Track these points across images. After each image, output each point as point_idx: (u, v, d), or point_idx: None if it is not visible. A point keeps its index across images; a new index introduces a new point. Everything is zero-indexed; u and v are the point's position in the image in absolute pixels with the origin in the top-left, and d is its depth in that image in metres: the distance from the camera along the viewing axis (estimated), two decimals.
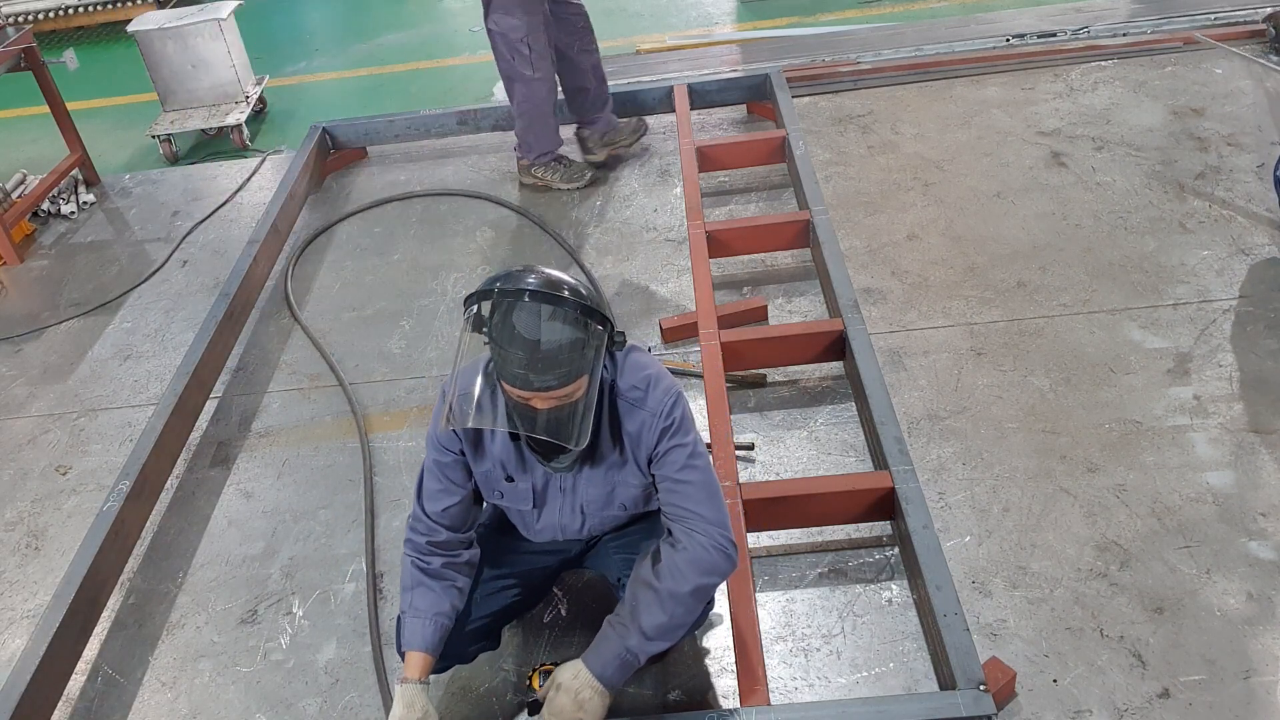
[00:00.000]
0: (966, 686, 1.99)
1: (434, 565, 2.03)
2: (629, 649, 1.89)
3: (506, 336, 1.72)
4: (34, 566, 2.89)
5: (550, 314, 1.72)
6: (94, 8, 7.12)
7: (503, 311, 1.73)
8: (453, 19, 6.83)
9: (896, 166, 4.07)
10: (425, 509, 2.05)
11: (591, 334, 1.76)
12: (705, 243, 3.40)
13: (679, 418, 1.95)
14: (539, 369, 1.71)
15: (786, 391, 3.05)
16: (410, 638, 2.00)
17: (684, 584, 1.90)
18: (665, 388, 1.95)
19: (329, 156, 4.72)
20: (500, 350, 1.73)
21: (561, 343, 1.72)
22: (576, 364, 1.74)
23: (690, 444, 1.95)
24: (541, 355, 1.71)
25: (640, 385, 1.94)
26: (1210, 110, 4.12)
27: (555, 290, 1.74)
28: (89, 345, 3.80)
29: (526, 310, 1.72)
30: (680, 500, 1.94)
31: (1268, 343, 2.95)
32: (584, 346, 1.75)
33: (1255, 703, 2.07)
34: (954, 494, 2.62)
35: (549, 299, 1.72)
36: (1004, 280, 3.35)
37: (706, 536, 1.92)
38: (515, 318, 1.72)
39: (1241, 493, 2.52)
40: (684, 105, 4.39)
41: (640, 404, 1.94)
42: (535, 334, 1.71)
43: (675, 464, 1.94)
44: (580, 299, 1.76)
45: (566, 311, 1.73)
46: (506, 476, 2.03)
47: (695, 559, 1.91)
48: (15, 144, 5.72)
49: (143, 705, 2.43)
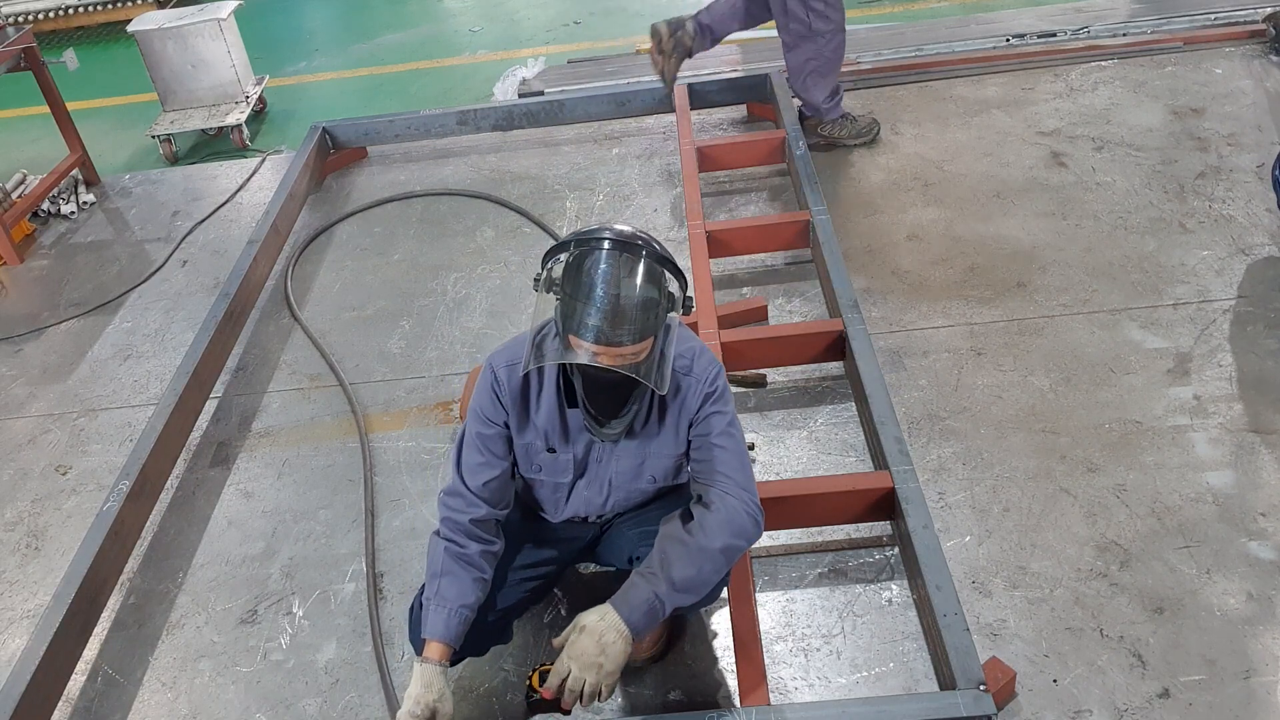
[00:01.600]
0: (966, 686, 1.99)
1: (469, 551, 2.00)
2: (658, 596, 1.87)
3: (586, 288, 1.74)
4: (34, 566, 2.89)
5: (633, 267, 1.75)
6: (94, 8, 7.12)
7: (584, 263, 1.75)
8: (453, 19, 6.83)
9: (896, 166, 4.07)
10: (467, 483, 2.03)
11: (665, 293, 1.79)
12: (705, 243, 3.40)
13: (722, 386, 2.00)
14: (616, 321, 1.73)
15: (786, 391, 3.05)
16: (434, 626, 1.97)
17: (716, 540, 1.91)
18: (709, 359, 2.02)
19: (329, 156, 4.72)
20: (577, 303, 1.74)
21: (641, 298, 1.75)
22: (650, 322, 1.77)
23: (730, 413, 2.01)
24: (621, 308, 1.73)
25: (686, 355, 1.99)
26: (1210, 110, 4.12)
27: (637, 244, 1.78)
28: (89, 345, 3.80)
29: (610, 261, 1.74)
30: (715, 464, 1.98)
31: (1268, 342, 2.95)
32: (658, 305, 1.78)
33: (1255, 703, 2.07)
34: (954, 494, 2.62)
35: (633, 250, 1.76)
36: (1004, 280, 3.35)
37: (739, 500, 1.94)
38: (599, 269, 1.74)
39: (1241, 493, 2.52)
40: (684, 105, 4.39)
41: (687, 371, 1.98)
42: (616, 287, 1.73)
43: (715, 429, 1.98)
44: (662, 255, 1.79)
45: (649, 266, 1.76)
46: (548, 448, 2.05)
47: (729, 519, 1.93)
48: (15, 144, 5.72)
49: (143, 705, 2.44)
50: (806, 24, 3.90)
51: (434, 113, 4.70)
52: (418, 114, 4.72)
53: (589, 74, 5.25)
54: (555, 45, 6.04)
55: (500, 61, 5.85)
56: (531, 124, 4.71)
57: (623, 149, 4.54)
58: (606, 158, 4.49)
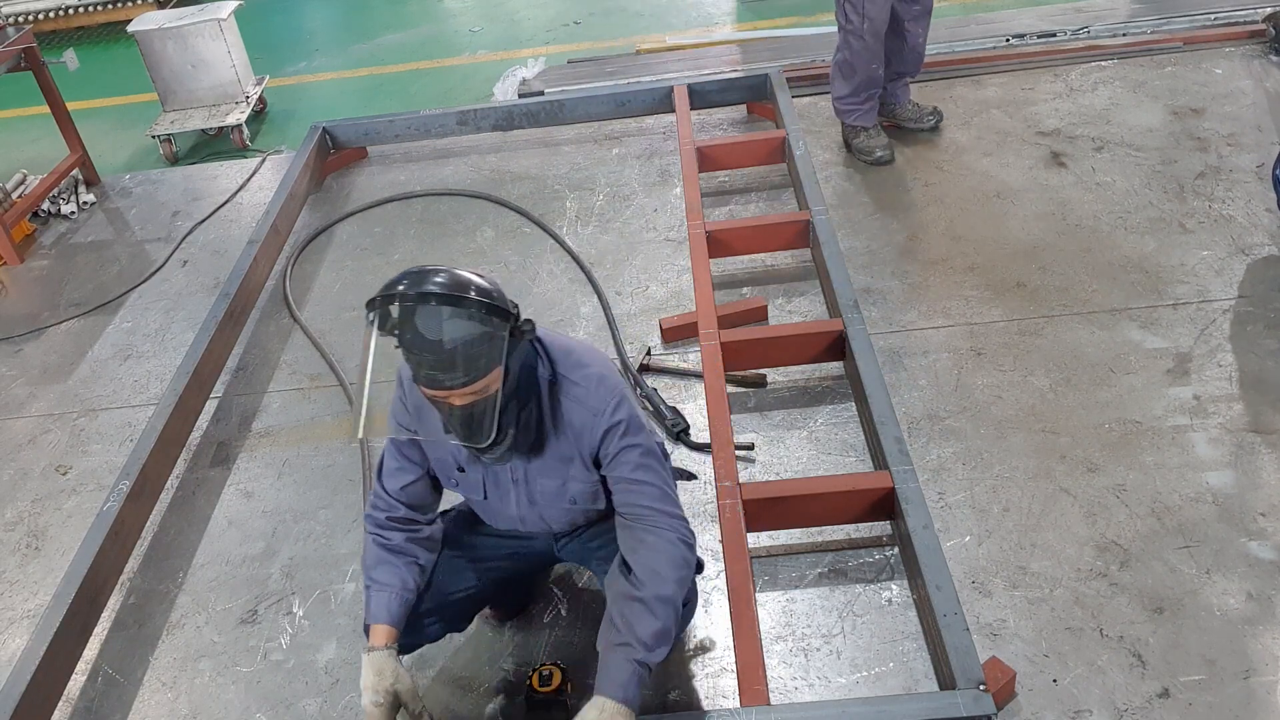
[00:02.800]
0: (966, 686, 1.99)
1: (395, 541, 2.06)
2: (638, 662, 1.86)
3: (410, 340, 1.74)
4: (34, 566, 2.89)
5: (449, 313, 1.72)
6: (94, 8, 7.12)
7: (402, 316, 1.75)
8: (453, 19, 6.83)
9: (896, 166, 4.07)
10: (385, 486, 2.09)
11: (494, 326, 1.76)
12: (705, 243, 3.40)
13: (625, 418, 1.95)
14: (446, 368, 1.73)
15: (786, 391, 3.05)
16: (376, 611, 2.01)
17: (665, 585, 1.90)
18: (609, 387, 1.96)
19: (329, 156, 4.72)
20: (407, 354, 1.76)
21: (464, 339, 1.73)
22: (485, 358, 1.75)
23: (641, 443, 1.97)
24: (446, 354, 1.72)
25: (582, 381, 1.95)
26: (1210, 110, 4.12)
27: (451, 289, 1.75)
28: (89, 345, 3.81)
29: (424, 313, 1.73)
30: (638, 499, 1.95)
31: (1267, 342, 2.95)
32: (489, 340, 1.75)
33: (1255, 703, 2.07)
34: (954, 494, 2.62)
35: (444, 299, 1.73)
36: (1004, 280, 3.35)
37: (671, 531, 1.94)
38: (416, 321, 1.73)
39: (1241, 493, 2.52)
40: (684, 105, 4.39)
41: (583, 400, 1.94)
42: (437, 334, 1.72)
43: (629, 464, 1.95)
44: (477, 294, 1.76)
45: (464, 309, 1.73)
46: (458, 467, 2.06)
47: (668, 557, 1.92)
48: (15, 144, 5.72)
49: (143, 705, 2.44)
50: (844, 14, 3.89)
51: (434, 113, 4.70)
52: (418, 114, 4.72)
53: (589, 74, 5.25)
54: (555, 45, 6.04)
55: (500, 61, 5.85)
56: (531, 124, 4.71)
57: (623, 149, 4.54)
58: (606, 158, 4.49)
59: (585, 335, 3.40)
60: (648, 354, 3.23)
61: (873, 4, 3.79)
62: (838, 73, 4.07)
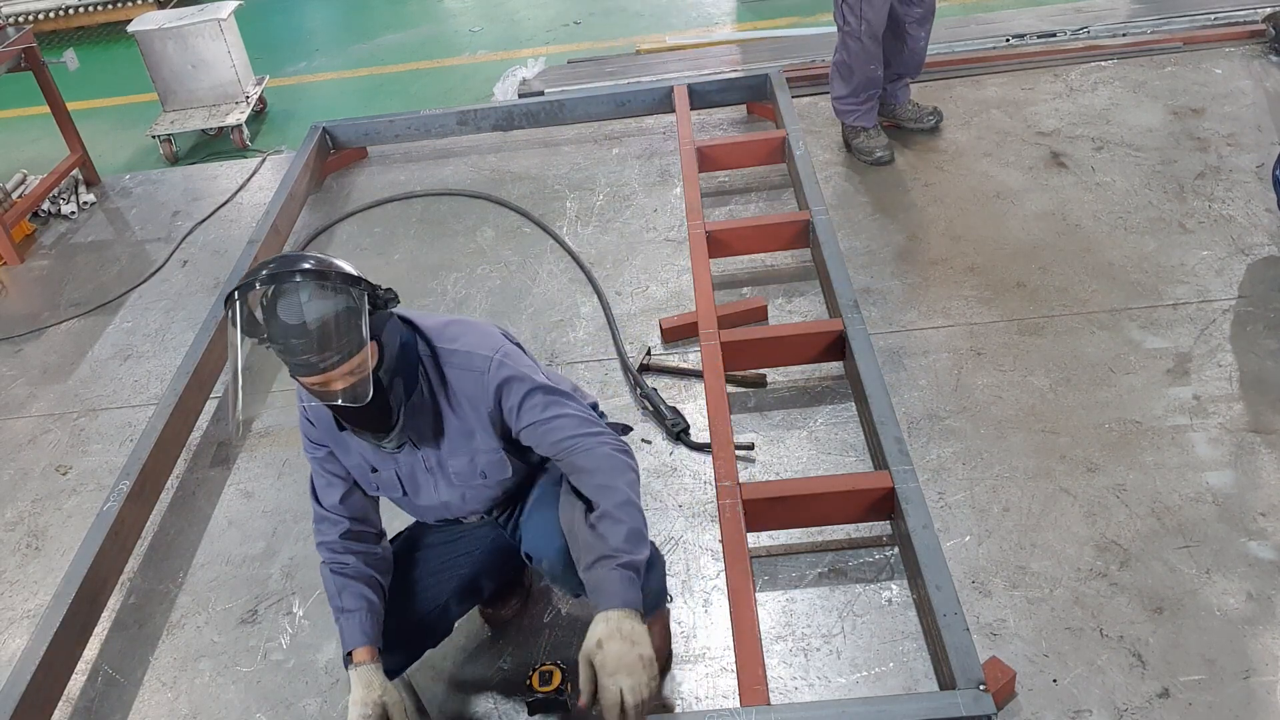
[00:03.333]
0: (966, 686, 1.99)
1: (351, 565, 2.05)
2: (623, 566, 1.80)
3: (274, 329, 1.68)
4: (34, 566, 2.89)
5: (306, 292, 1.68)
6: (94, 8, 7.12)
7: (262, 307, 1.69)
8: (453, 19, 6.83)
9: (896, 166, 4.07)
10: (322, 503, 2.08)
11: (353, 297, 1.72)
12: (705, 243, 3.40)
13: (512, 367, 1.92)
14: (316, 349, 1.68)
15: (786, 391, 3.05)
16: (351, 636, 2.00)
17: (618, 492, 1.86)
18: (489, 344, 1.93)
19: (329, 156, 4.72)
20: (275, 345, 1.70)
21: (326, 315, 1.68)
22: (352, 331, 1.70)
23: (537, 382, 1.93)
24: (312, 333, 1.67)
25: (462, 347, 1.92)
26: (1210, 110, 4.12)
27: (303, 268, 1.70)
28: (89, 345, 3.81)
29: (281, 298, 1.68)
30: (558, 436, 1.92)
31: (1267, 342, 2.95)
32: (351, 312, 1.71)
33: (1255, 703, 2.07)
34: (954, 494, 2.62)
35: (300, 275, 1.68)
36: (1004, 280, 3.35)
37: (601, 446, 1.91)
38: (276, 308, 1.68)
39: (1241, 493, 2.52)
40: (684, 105, 4.39)
41: (467, 365, 1.91)
42: (299, 316, 1.67)
43: (535, 408, 1.92)
44: (328, 269, 1.72)
45: (318, 283, 1.69)
46: (371, 468, 2.04)
47: (610, 468, 1.89)
48: (15, 144, 5.72)
49: (143, 705, 2.44)
50: (841, 15, 3.90)
51: (434, 113, 4.70)
52: (418, 114, 4.72)
53: (589, 74, 5.25)
54: (555, 45, 6.04)
55: (500, 61, 5.85)
56: (531, 124, 4.71)
57: (623, 149, 4.54)
58: (606, 158, 4.49)
59: (585, 335, 3.41)
60: (648, 354, 3.23)
61: (870, 6, 3.79)
62: (836, 74, 4.07)
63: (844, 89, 4.06)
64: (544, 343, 3.40)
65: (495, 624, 2.44)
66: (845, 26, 3.90)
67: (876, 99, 4.11)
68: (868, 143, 4.11)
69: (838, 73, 4.06)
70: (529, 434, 1.95)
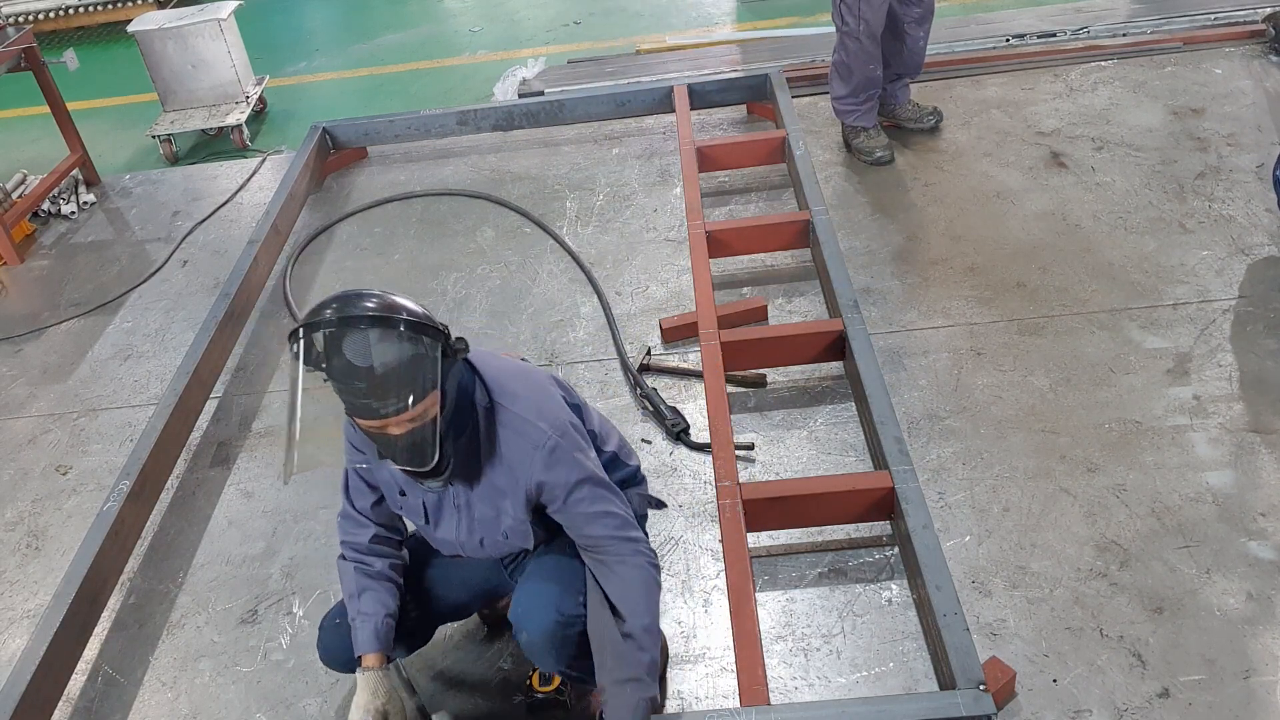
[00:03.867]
0: (966, 686, 1.99)
1: (376, 567, 2.05)
2: (642, 698, 1.86)
3: (338, 369, 1.64)
4: (34, 566, 2.89)
5: (376, 336, 1.63)
6: (94, 8, 7.12)
7: (327, 345, 1.64)
8: (453, 19, 6.83)
9: (896, 166, 4.07)
10: (354, 505, 2.08)
11: (425, 346, 1.68)
12: (705, 243, 3.40)
13: (565, 452, 1.87)
14: (379, 395, 1.64)
15: (786, 391, 3.05)
16: (365, 642, 2.00)
17: (645, 615, 1.91)
18: (549, 418, 1.88)
19: (329, 156, 4.72)
20: (336, 385, 1.66)
21: (395, 363, 1.64)
22: (419, 382, 1.66)
23: (589, 476, 1.90)
24: (378, 381, 1.63)
25: (521, 411, 1.87)
26: (1210, 110, 4.12)
27: (375, 311, 1.66)
28: (89, 345, 3.81)
29: (350, 339, 1.63)
30: (598, 531, 1.92)
31: (1267, 343, 2.95)
32: (421, 362, 1.67)
33: (1255, 703, 2.07)
34: (954, 494, 2.62)
35: (371, 321, 1.64)
36: (1004, 280, 3.35)
37: (637, 556, 1.93)
38: (343, 348, 1.63)
39: (1241, 493, 2.52)
40: (684, 105, 4.39)
41: (521, 432, 1.86)
42: (366, 360, 1.62)
43: (581, 501, 1.90)
44: (404, 314, 1.68)
45: (392, 330, 1.65)
46: (400, 491, 2.00)
47: (642, 585, 1.92)
48: (15, 144, 5.72)
49: (143, 705, 2.44)
50: (839, 15, 3.90)
51: (434, 113, 4.70)
52: (418, 114, 4.72)
53: (589, 74, 5.25)
54: (555, 45, 6.04)
55: (500, 61, 5.85)
56: (531, 124, 4.71)
57: (623, 149, 4.54)
58: (606, 158, 4.49)
59: (585, 335, 3.41)
60: (648, 354, 3.23)
61: (868, 6, 3.79)
62: (835, 74, 4.07)
63: (843, 89, 4.06)
64: (544, 343, 3.40)
65: (494, 624, 2.44)
66: (844, 27, 3.90)
67: (876, 99, 4.11)
68: (868, 143, 4.11)
69: (837, 73, 4.06)
70: (566, 520, 1.94)
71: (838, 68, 4.05)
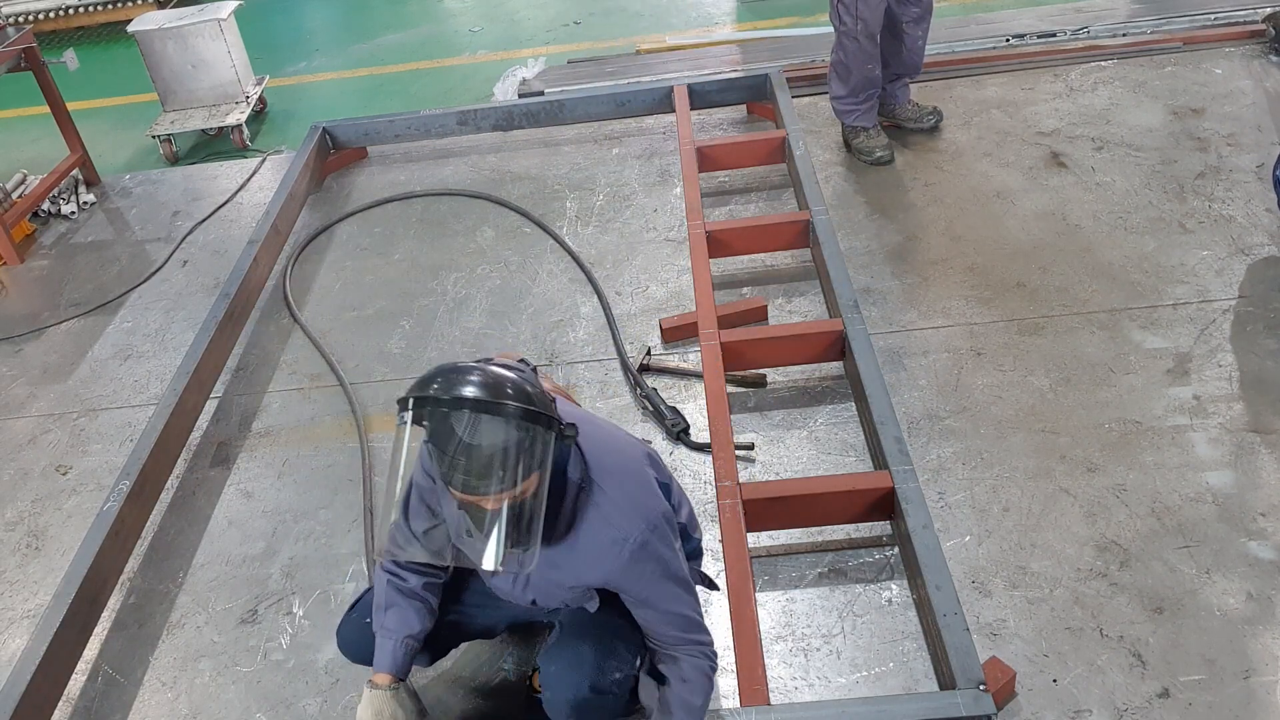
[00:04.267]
0: (966, 686, 1.99)
1: (410, 584, 2.02)
2: None
3: (443, 439, 1.63)
4: (34, 566, 2.89)
5: (493, 420, 1.63)
6: (94, 8, 7.12)
7: (439, 419, 1.64)
8: (453, 19, 6.83)
9: (896, 166, 4.07)
10: (410, 524, 1.99)
11: (538, 434, 1.66)
12: (705, 243, 3.40)
13: (654, 549, 1.84)
14: (483, 474, 1.63)
15: (786, 391, 3.05)
16: (381, 659, 2.00)
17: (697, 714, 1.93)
18: (640, 497, 1.86)
19: (329, 156, 4.72)
20: (442, 456, 1.65)
21: (507, 446, 1.63)
22: (526, 465, 1.65)
23: (672, 575, 1.89)
24: (485, 461, 1.62)
25: (615, 496, 1.83)
26: (1210, 110, 4.12)
27: (491, 395, 1.64)
28: (89, 345, 3.81)
29: (468, 419, 1.62)
30: (669, 629, 1.92)
31: (1267, 343, 2.95)
32: (533, 447, 1.65)
33: (1255, 703, 2.07)
34: (954, 494, 2.62)
35: (485, 406, 1.63)
36: (1004, 280, 3.35)
37: (703, 659, 1.94)
38: (454, 424, 1.62)
39: (1241, 493, 2.52)
40: (684, 105, 4.39)
41: (609, 518, 1.83)
42: (476, 438, 1.62)
43: (661, 598, 1.89)
44: (524, 400, 1.66)
45: (510, 416, 1.63)
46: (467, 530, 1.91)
47: (701, 686, 1.93)
48: (15, 144, 5.72)
49: (143, 705, 2.44)
50: (837, 15, 3.90)
51: (434, 113, 4.70)
52: (418, 114, 4.71)
53: (589, 74, 5.25)
54: (555, 45, 6.04)
55: (500, 61, 5.85)
56: (531, 124, 4.71)
57: (623, 149, 4.54)
58: (606, 158, 4.49)
59: (585, 335, 3.41)
60: (648, 354, 3.23)
61: (866, 6, 3.79)
62: (834, 74, 4.08)
63: (842, 89, 4.06)
64: (544, 343, 3.40)
65: None
66: (841, 26, 3.90)
67: (876, 99, 4.11)
68: (868, 143, 4.11)
69: (835, 73, 4.06)
70: (636, 612, 1.93)
71: (836, 68, 4.05)
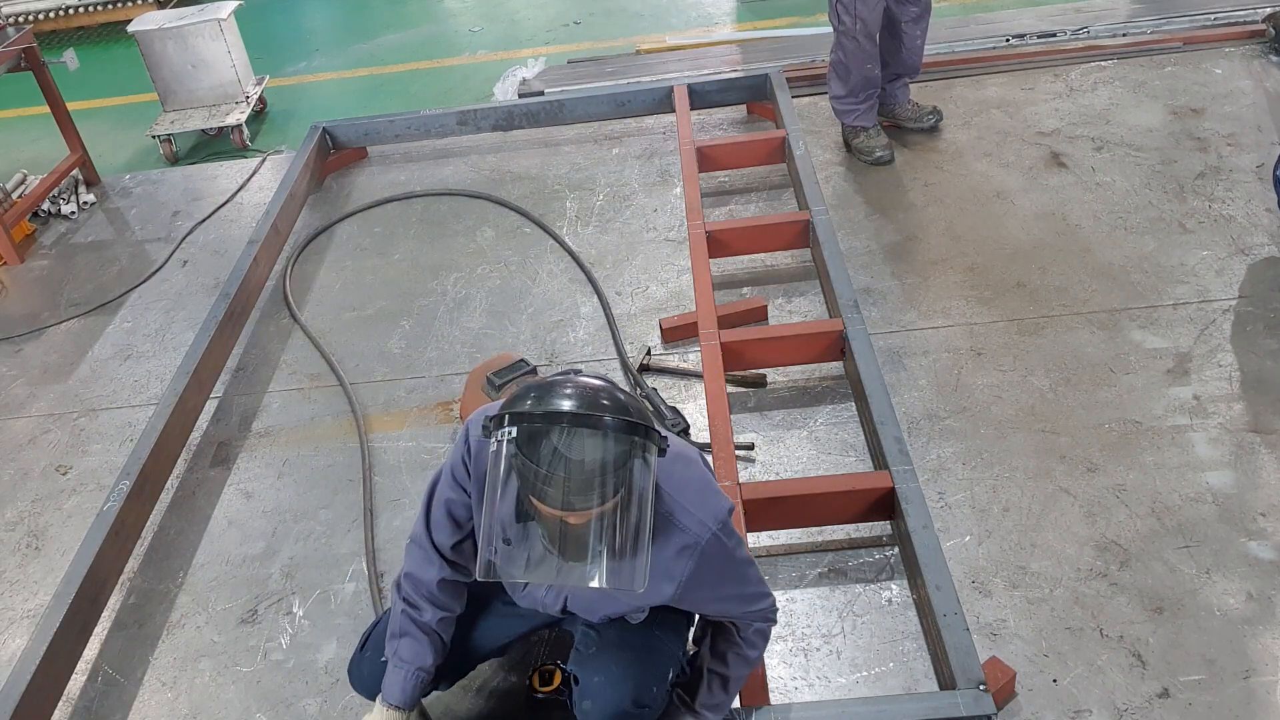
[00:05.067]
0: (966, 686, 1.99)
1: (426, 618, 1.96)
2: None
3: (543, 456, 1.55)
4: (34, 566, 2.89)
5: (596, 437, 1.56)
6: (94, 8, 7.12)
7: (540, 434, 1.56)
8: (453, 19, 6.83)
9: (896, 166, 4.07)
10: (433, 538, 1.93)
11: (637, 447, 1.59)
12: (705, 243, 3.40)
13: (724, 542, 1.80)
14: (582, 491, 1.56)
15: (786, 391, 3.05)
16: (389, 689, 1.96)
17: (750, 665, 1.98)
18: (715, 511, 1.79)
19: (329, 156, 4.72)
20: (536, 472, 1.56)
21: (605, 462, 1.55)
22: (619, 484, 1.59)
23: (740, 560, 1.86)
24: (584, 476, 1.55)
25: (685, 500, 1.77)
26: (1210, 110, 4.12)
27: (597, 410, 1.57)
28: (89, 345, 3.81)
29: (569, 434, 1.55)
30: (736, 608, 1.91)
31: (1267, 343, 2.95)
32: (630, 464, 1.58)
33: (1255, 703, 2.07)
34: (954, 494, 2.62)
35: (592, 422, 1.56)
36: (1004, 280, 3.35)
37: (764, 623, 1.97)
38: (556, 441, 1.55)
39: (1241, 493, 2.52)
40: (684, 105, 4.39)
41: (680, 525, 1.75)
42: (581, 454, 1.55)
43: (729, 590, 1.87)
44: (623, 414, 1.59)
45: (612, 434, 1.56)
46: (505, 539, 1.83)
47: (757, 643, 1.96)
48: (15, 144, 5.72)
49: (143, 705, 2.44)
50: (836, 15, 3.90)
51: (434, 113, 4.70)
52: (418, 114, 4.72)
53: (589, 74, 5.25)
54: (555, 45, 6.04)
55: (500, 61, 5.85)
56: (531, 124, 4.71)
57: (623, 149, 4.54)
58: (606, 158, 4.49)
59: (585, 335, 3.41)
60: (648, 354, 3.23)
61: (864, 5, 3.79)
62: (833, 74, 4.08)
63: (842, 89, 4.06)
64: (544, 343, 3.40)
65: None
66: (840, 26, 3.90)
67: (875, 99, 4.11)
68: (868, 143, 4.11)
69: (835, 73, 4.06)
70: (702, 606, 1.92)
71: (835, 68, 4.05)
